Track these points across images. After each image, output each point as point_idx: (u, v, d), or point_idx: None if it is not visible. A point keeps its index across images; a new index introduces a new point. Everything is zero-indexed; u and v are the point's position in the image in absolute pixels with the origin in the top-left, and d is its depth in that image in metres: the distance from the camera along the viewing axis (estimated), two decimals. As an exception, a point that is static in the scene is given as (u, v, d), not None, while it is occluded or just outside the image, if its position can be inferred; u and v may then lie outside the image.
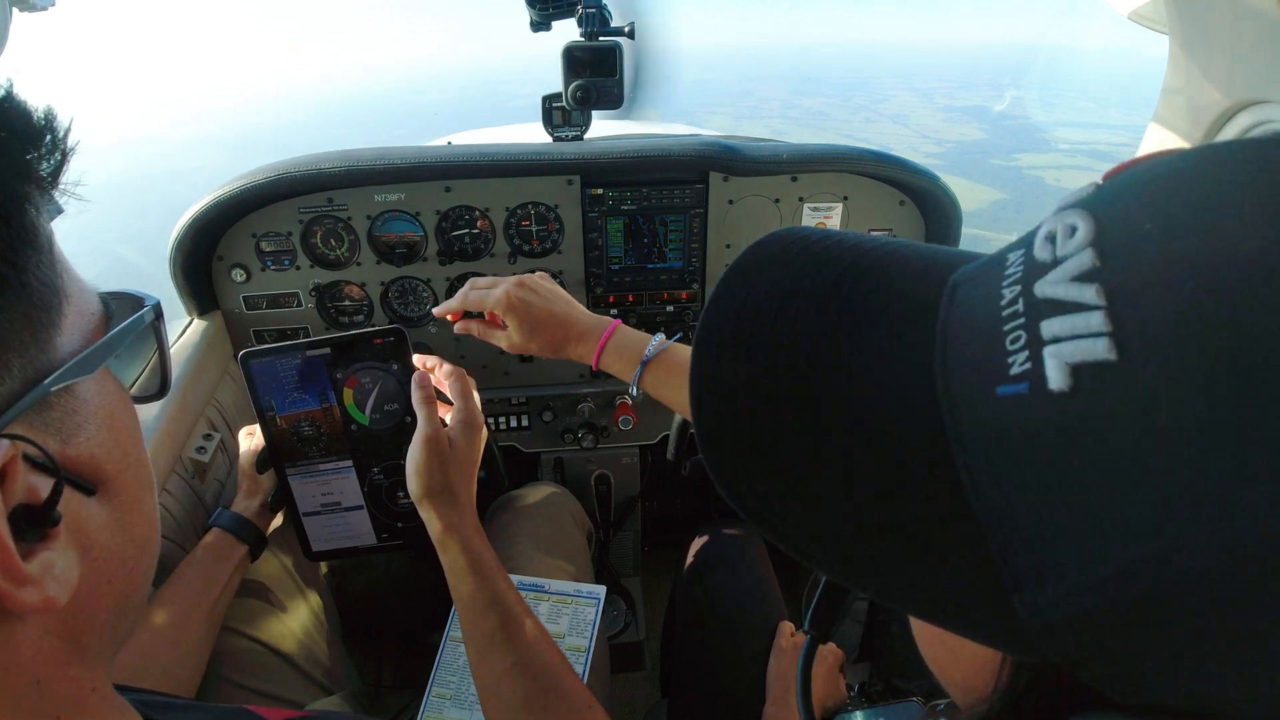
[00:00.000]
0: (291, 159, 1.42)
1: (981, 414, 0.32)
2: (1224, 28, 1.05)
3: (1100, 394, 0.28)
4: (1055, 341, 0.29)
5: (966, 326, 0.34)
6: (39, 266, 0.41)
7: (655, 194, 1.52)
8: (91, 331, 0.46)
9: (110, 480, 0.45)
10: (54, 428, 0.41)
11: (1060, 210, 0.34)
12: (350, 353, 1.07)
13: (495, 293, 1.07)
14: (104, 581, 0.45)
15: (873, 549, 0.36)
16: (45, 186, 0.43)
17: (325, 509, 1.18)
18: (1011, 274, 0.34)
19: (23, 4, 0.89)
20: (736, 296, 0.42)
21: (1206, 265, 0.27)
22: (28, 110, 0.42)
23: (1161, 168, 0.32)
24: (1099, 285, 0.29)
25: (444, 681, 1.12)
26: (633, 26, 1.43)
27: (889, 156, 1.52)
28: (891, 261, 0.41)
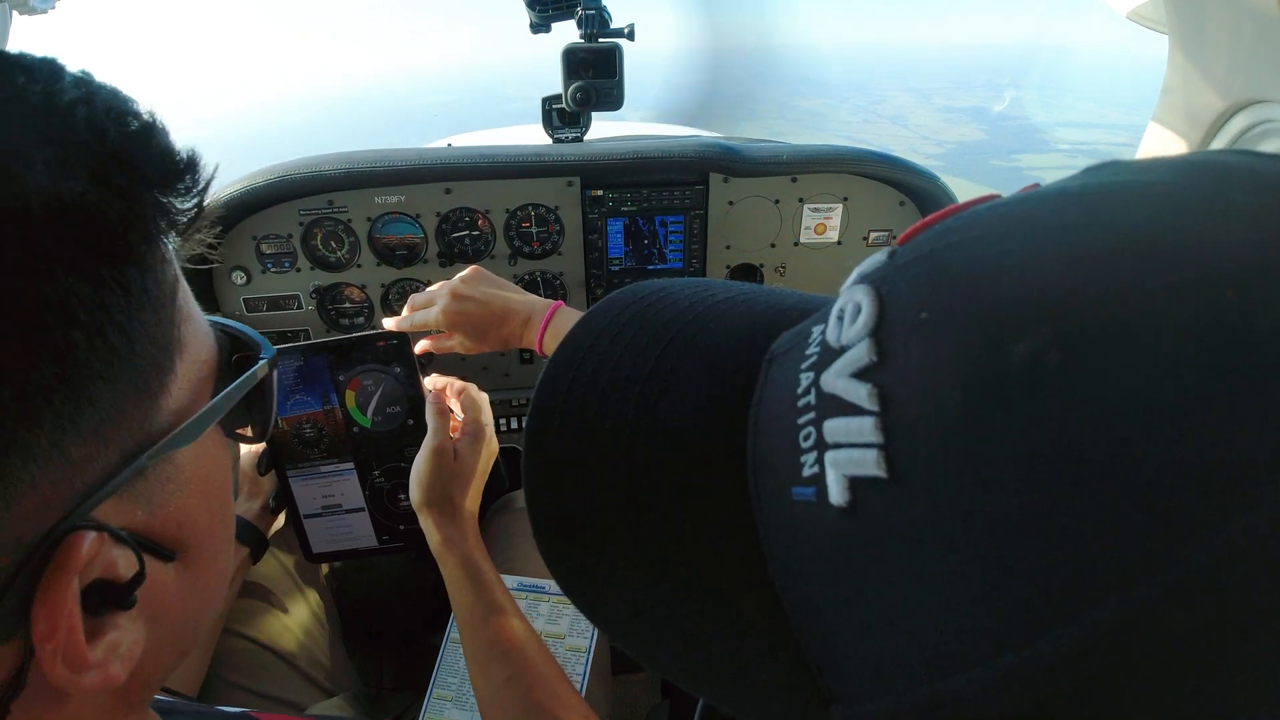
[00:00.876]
0: (291, 161, 1.42)
1: (782, 513, 0.29)
2: (1223, 27, 1.05)
3: (875, 515, 0.25)
4: (835, 447, 0.26)
5: (772, 412, 0.31)
6: (157, 325, 0.37)
7: (655, 195, 1.52)
8: (201, 383, 0.42)
9: (192, 546, 0.42)
10: (143, 499, 0.38)
11: (853, 282, 0.30)
12: (352, 355, 1.07)
13: (433, 312, 1.08)
14: (167, 646, 0.42)
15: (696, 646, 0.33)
16: (179, 235, 0.40)
17: (326, 511, 1.18)
18: (810, 355, 0.30)
19: (23, 7, 0.89)
20: (562, 380, 0.39)
21: (972, 376, 0.23)
22: (170, 149, 0.38)
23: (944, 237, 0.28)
24: (872, 386, 0.25)
25: (445, 683, 1.12)
26: (632, 28, 1.43)
27: (889, 157, 1.52)
28: (718, 328, 0.38)
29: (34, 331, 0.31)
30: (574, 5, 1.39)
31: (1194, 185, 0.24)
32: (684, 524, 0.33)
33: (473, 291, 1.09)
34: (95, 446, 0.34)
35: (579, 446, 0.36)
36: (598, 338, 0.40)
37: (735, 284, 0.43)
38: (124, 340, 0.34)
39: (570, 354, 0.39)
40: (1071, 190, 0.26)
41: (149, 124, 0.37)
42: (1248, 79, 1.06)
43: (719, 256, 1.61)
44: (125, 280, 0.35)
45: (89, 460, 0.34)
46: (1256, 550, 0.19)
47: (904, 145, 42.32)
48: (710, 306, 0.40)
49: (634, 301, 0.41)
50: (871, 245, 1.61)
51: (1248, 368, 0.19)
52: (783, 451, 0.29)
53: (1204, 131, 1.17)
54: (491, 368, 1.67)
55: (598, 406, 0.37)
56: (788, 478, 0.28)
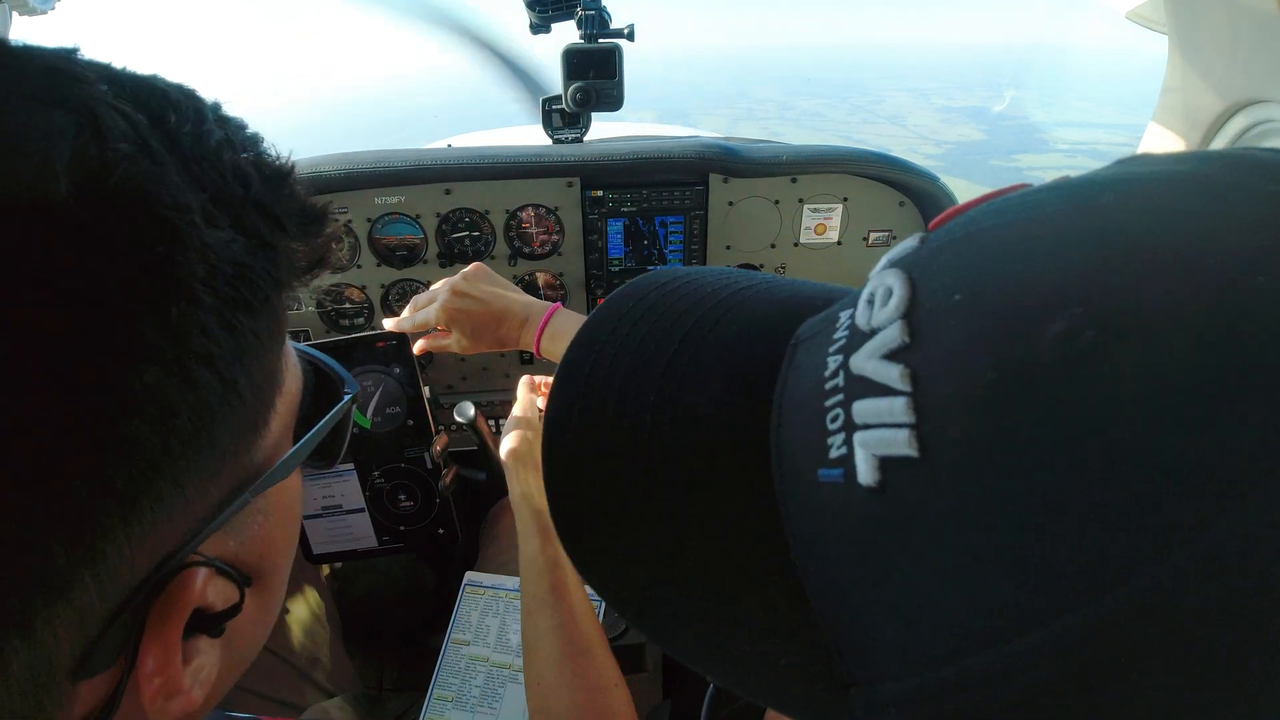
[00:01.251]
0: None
1: (807, 496, 0.29)
2: (1222, 27, 1.05)
3: (905, 494, 0.25)
4: (865, 428, 0.26)
5: (799, 396, 0.31)
6: (270, 363, 0.39)
7: (655, 196, 1.52)
8: (291, 416, 0.43)
9: (268, 573, 0.43)
10: (235, 530, 0.38)
11: (884, 267, 0.30)
12: (352, 355, 1.07)
13: (432, 310, 1.09)
14: (235, 666, 0.43)
15: (716, 633, 0.33)
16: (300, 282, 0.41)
17: (326, 512, 1.18)
18: (838, 340, 0.30)
19: (22, 8, 0.89)
20: (582, 367, 0.39)
21: (1007, 354, 0.23)
22: (303, 198, 0.39)
23: (978, 222, 0.28)
24: (904, 366, 0.26)
25: (445, 684, 1.12)
26: (632, 28, 1.43)
27: (889, 158, 1.52)
28: (740, 315, 0.38)
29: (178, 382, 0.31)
30: (574, 6, 1.39)
31: (1226, 174, 0.25)
32: (705, 511, 0.33)
33: (473, 289, 1.09)
34: (208, 485, 0.35)
35: (598, 442, 0.37)
36: (619, 323, 0.40)
37: (758, 273, 0.43)
38: (249, 384, 0.35)
39: (589, 341, 0.40)
40: (1104, 178, 0.27)
41: (284, 169, 0.38)
42: (1247, 79, 1.06)
43: (719, 257, 1.61)
44: (256, 327, 0.35)
45: (201, 497, 0.35)
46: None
47: (903, 145, 42.31)
48: (734, 293, 0.40)
49: (657, 287, 0.41)
50: (871, 246, 1.61)
51: (1275, 346, 0.20)
52: (809, 434, 0.29)
53: (1204, 131, 1.17)
54: (492, 368, 1.67)
55: (616, 402, 0.37)
56: (814, 460, 0.29)
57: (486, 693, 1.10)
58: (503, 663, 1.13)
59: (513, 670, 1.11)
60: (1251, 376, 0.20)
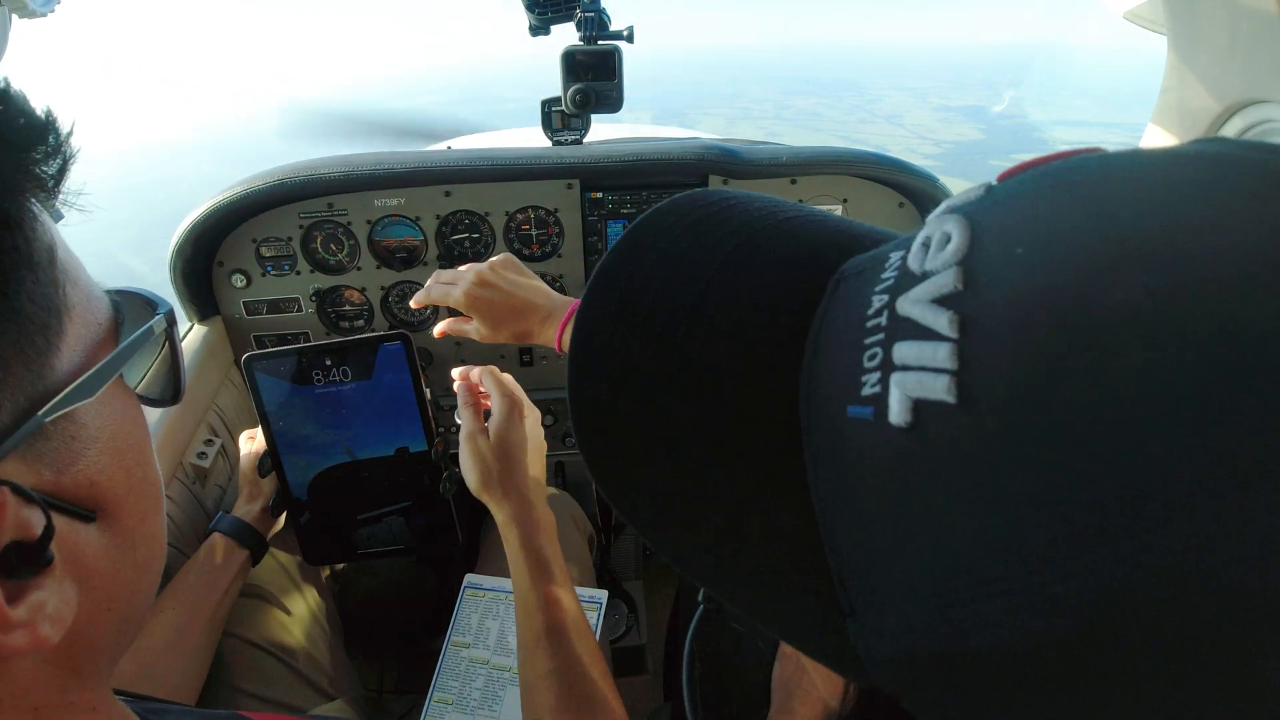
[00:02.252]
0: (291, 164, 1.42)
1: (832, 430, 0.30)
2: (1221, 28, 1.05)
3: (935, 438, 0.25)
4: (903, 369, 0.26)
5: (836, 331, 0.32)
6: (36, 285, 0.38)
7: (655, 197, 1.52)
8: (96, 345, 0.42)
9: (111, 505, 0.42)
10: (49, 458, 0.38)
11: (942, 213, 0.30)
12: (355, 356, 1.07)
13: (455, 292, 1.06)
14: (103, 609, 0.42)
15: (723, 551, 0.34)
16: (46, 194, 0.40)
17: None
18: (886, 279, 0.30)
19: (22, 10, 0.89)
20: (622, 271, 0.39)
21: (1067, 313, 0.23)
22: (28, 110, 0.39)
23: (1051, 177, 0.28)
24: (954, 313, 0.26)
25: (446, 686, 1.12)
26: (631, 30, 1.43)
27: (888, 159, 1.52)
28: (785, 242, 0.38)
29: None
30: (573, 8, 1.39)
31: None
32: (725, 425, 0.34)
33: (498, 279, 1.07)
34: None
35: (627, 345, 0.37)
36: (659, 236, 0.40)
37: (806, 206, 0.43)
38: (2, 299, 0.35)
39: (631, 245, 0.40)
40: (1187, 153, 0.26)
41: (4, 91, 0.38)
42: (1246, 79, 1.06)
43: None
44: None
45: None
46: None
47: (901, 145, 42.31)
48: (780, 220, 0.40)
49: (702, 205, 0.41)
50: None
51: None
52: (843, 368, 0.29)
53: (1202, 132, 1.17)
54: (491, 370, 1.67)
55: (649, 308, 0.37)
56: (845, 395, 0.29)
57: (486, 695, 1.10)
58: (503, 665, 1.13)
59: (513, 673, 1.11)
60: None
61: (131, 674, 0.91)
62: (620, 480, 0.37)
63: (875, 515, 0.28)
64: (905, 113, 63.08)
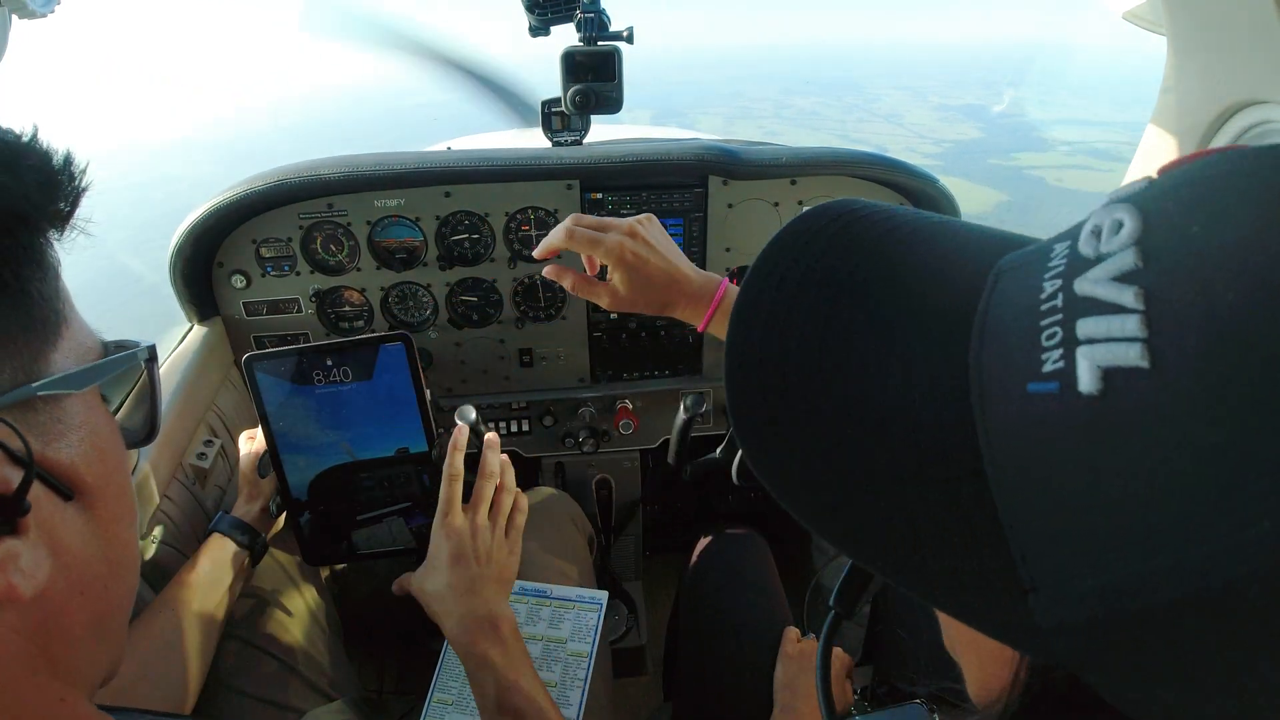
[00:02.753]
0: (291, 165, 1.42)
1: (1010, 409, 0.32)
2: (1221, 28, 1.05)
3: (1129, 401, 0.27)
4: (1089, 343, 0.29)
5: (1005, 318, 0.34)
6: (42, 283, 0.44)
7: (655, 198, 1.52)
8: (85, 358, 0.48)
9: (89, 492, 0.47)
10: (36, 430, 0.43)
11: (1109, 204, 0.33)
12: (354, 356, 1.07)
13: (608, 240, 0.98)
14: (76, 591, 0.46)
15: (893, 532, 0.35)
16: (58, 223, 0.46)
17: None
18: (1055, 267, 0.33)
19: (23, 10, 0.89)
20: (774, 273, 0.42)
21: (1250, 276, 0.26)
22: (48, 153, 0.45)
23: (1216, 166, 0.31)
24: (1138, 288, 0.28)
25: (445, 687, 1.12)
26: (631, 31, 1.43)
27: (887, 159, 1.52)
28: (938, 242, 0.41)
29: None
30: (573, 9, 1.39)
31: None
32: (893, 420, 0.36)
33: (653, 238, 1.01)
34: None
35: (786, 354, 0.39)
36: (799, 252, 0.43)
37: (945, 216, 0.46)
38: (12, 277, 0.42)
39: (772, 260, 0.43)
40: None
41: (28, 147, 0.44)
42: (1246, 80, 1.06)
43: (719, 259, 1.61)
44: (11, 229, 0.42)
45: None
46: None
47: (901, 144, 42.26)
48: (925, 224, 0.43)
49: (847, 212, 0.44)
50: None
51: None
52: (1018, 350, 0.32)
53: (1202, 132, 1.17)
54: (491, 371, 1.67)
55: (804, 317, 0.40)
56: (1023, 374, 0.31)
57: (487, 696, 1.10)
58: (503, 666, 1.13)
59: (513, 673, 1.11)
60: None
61: (131, 674, 0.91)
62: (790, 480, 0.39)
63: (1061, 484, 0.29)
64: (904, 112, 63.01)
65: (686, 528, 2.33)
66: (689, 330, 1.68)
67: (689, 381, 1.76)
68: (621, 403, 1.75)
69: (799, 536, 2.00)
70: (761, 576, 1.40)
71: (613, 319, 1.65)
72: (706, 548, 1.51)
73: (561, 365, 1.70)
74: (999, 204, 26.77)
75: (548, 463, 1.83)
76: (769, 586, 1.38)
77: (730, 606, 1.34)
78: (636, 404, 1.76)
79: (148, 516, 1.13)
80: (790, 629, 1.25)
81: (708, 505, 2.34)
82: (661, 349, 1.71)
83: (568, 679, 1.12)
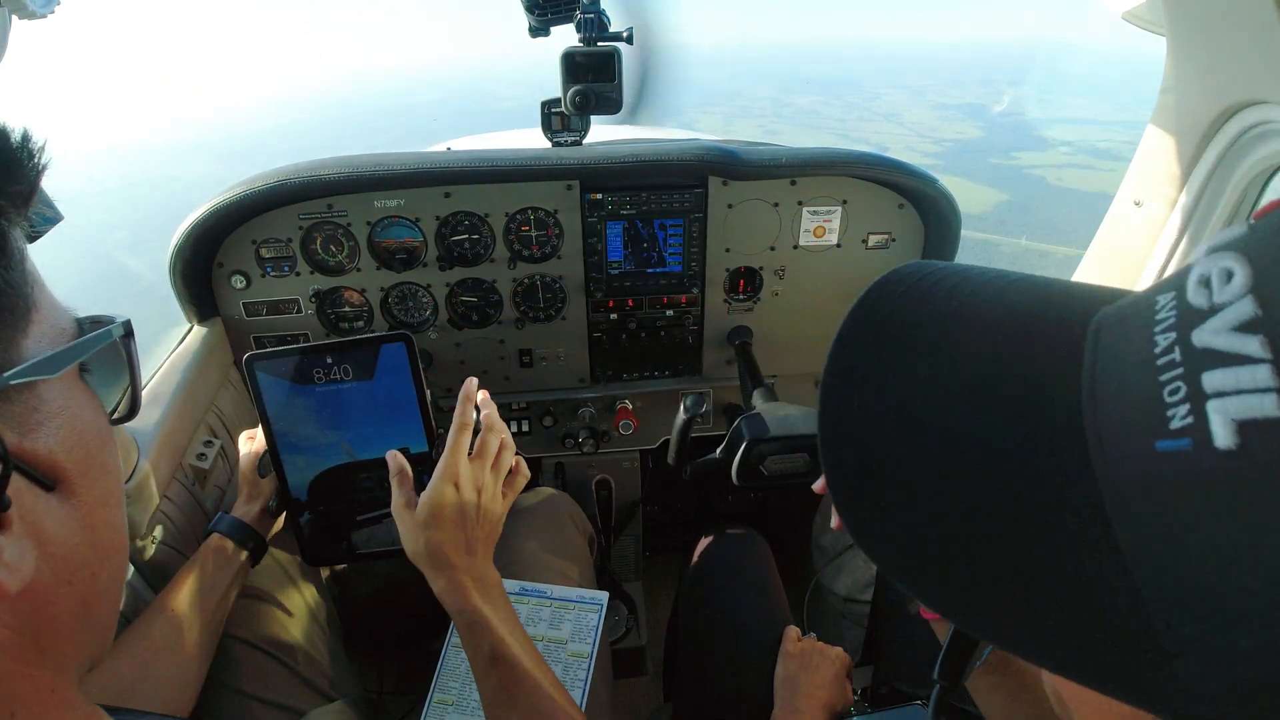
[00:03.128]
0: (291, 165, 1.42)
1: (1138, 470, 0.30)
2: (1221, 30, 1.05)
3: (1270, 453, 0.26)
4: (1219, 396, 0.28)
5: (1116, 375, 0.33)
6: (9, 271, 0.43)
7: (654, 198, 1.52)
8: (61, 343, 0.47)
9: (70, 480, 0.46)
10: (13, 421, 0.43)
11: (1212, 252, 0.32)
12: (354, 356, 1.07)
13: None
14: (63, 581, 0.45)
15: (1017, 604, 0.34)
16: (19, 203, 0.45)
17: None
18: (1164, 320, 0.32)
19: (23, 11, 0.89)
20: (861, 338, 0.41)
21: None
22: (4, 132, 0.44)
23: None
24: (1263, 336, 0.27)
25: (446, 688, 1.12)
26: (631, 31, 1.43)
27: (887, 160, 1.52)
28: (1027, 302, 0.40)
29: None
30: (573, 9, 1.39)
31: None
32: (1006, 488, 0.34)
33: None
34: None
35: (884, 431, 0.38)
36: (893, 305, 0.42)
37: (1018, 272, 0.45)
38: None
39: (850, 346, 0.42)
40: None
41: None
42: (1246, 80, 1.06)
43: (719, 259, 1.61)
44: None
45: None
46: None
47: (901, 143, 42.20)
48: (1007, 283, 0.42)
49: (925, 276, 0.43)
50: (871, 249, 1.61)
51: None
52: (1139, 409, 0.31)
53: (1202, 133, 1.17)
54: (491, 371, 1.67)
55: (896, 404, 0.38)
56: (1149, 433, 0.30)
57: (487, 696, 1.10)
58: (503, 666, 1.13)
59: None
60: None
61: (131, 675, 0.91)
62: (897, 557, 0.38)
63: (1204, 544, 0.28)
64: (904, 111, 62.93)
65: (686, 528, 2.33)
66: (689, 331, 1.69)
67: (689, 382, 1.76)
68: (621, 403, 1.75)
69: (799, 536, 2.00)
70: (762, 576, 1.40)
71: (613, 319, 1.65)
72: (706, 548, 1.51)
73: (561, 365, 1.70)
74: (1000, 204, 26.66)
75: (548, 463, 1.83)
76: (769, 586, 1.39)
77: (730, 606, 1.34)
78: (636, 404, 1.76)
79: (148, 516, 1.13)
80: (790, 628, 1.26)
81: (708, 505, 2.34)
82: (661, 349, 1.71)
83: (568, 679, 1.12)
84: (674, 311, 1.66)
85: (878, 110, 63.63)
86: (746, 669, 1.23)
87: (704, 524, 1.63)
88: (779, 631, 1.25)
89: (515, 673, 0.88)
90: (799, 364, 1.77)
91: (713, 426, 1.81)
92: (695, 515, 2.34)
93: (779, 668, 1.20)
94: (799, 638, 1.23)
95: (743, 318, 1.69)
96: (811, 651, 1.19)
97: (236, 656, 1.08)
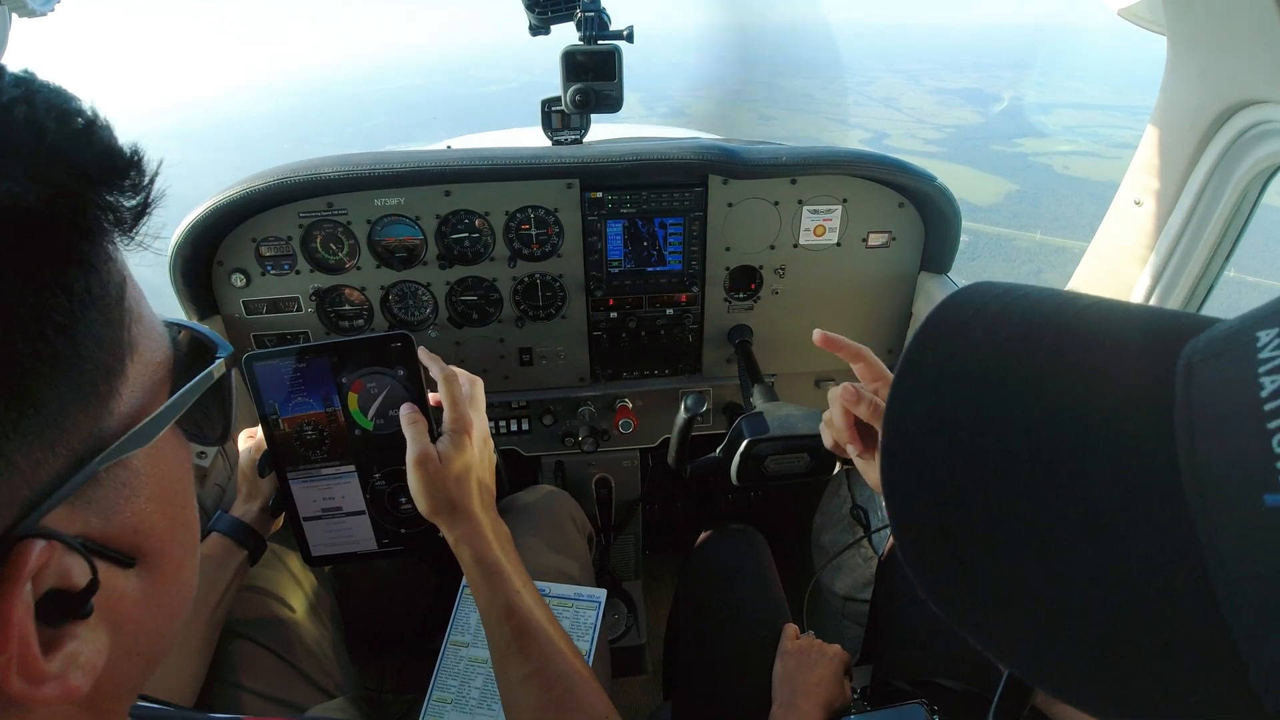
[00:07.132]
0: (290, 164, 1.41)
1: (1241, 521, 0.28)
2: (1220, 28, 1.05)
3: None
4: None
5: (1216, 419, 0.30)
6: (104, 327, 0.37)
7: (654, 197, 1.52)
8: (155, 385, 0.42)
9: (152, 552, 0.41)
10: (98, 505, 0.37)
11: None
12: (356, 357, 1.07)
13: None
14: (132, 654, 0.41)
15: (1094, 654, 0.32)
16: (123, 233, 0.39)
17: (326, 514, 1.18)
18: (1270, 360, 0.29)
19: (22, 9, 0.89)
20: (929, 374, 0.39)
21: None
22: (111, 142, 0.38)
23: None
24: None
25: (445, 685, 1.13)
26: (631, 30, 1.42)
27: (887, 159, 1.51)
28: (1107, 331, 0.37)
29: None
30: (573, 7, 1.38)
31: None
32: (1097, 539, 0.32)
33: None
34: (42, 453, 0.34)
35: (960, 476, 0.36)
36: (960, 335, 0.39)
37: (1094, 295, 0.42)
38: (68, 344, 0.34)
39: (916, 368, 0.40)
40: None
41: (91, 121, 0.37)
42: (1246, 80, 1.06)
43: (719, 258, 1.61)
44: (68, 282, 0.34)
45: (37, 467, 0.34)
46: None
47: (900, 129, 42.01)
48: (1086, 310, 0.39)
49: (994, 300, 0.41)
50: (871, 247, 1.61)
51: None
52: (1244, 457, 0.28)
53: (1202, 132, 1.17)
54: (492, 370, 1.67)
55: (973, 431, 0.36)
56: (1257, 484, 0.28)
57: (486, 695, 1.11)
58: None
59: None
60: None
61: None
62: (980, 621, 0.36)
63: None
64: (900, 95, 62.65)
65: (686, 527, 2.34)
66: (689, 330, 1.69)
67: (689, 381, 1.76)
68: (621, 402, 1.75)
69: (798, 535, 2.01)
70: (761, 575, 1.41)
71: (613, 318, 1.65)
72: (706, 547, 1.51)
73: (561, 364, 1.70)
74: (1009, 194, 26.42)
75: (547, 462, 1.83)
76: (768, 585, 1.39)
77: (729, 605, 1.35)
78: (636, 403, 1.76)
79: None
80: (789, 625, 1.26)
81: (708, 505, 2.35)
82: (661, 348, 1.71)
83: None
84: (674, 310, 1.66)
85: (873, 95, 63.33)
86: (746, 667, 1.24)
87: (703, 523, 1.64)
88: (778, 628, 1.26)
89: (529, 624, 0.88)
90: (799, 363, 1.77)
91: (712, 425, 1.81)
92: (695, 514, 2.35)
93: (778, 666, 1.20)
94: (798, 636, 1.24)
95: (743, 316, 1.69)
96: (810, 649, 1.20)
97: (237, 653, 1.08)
